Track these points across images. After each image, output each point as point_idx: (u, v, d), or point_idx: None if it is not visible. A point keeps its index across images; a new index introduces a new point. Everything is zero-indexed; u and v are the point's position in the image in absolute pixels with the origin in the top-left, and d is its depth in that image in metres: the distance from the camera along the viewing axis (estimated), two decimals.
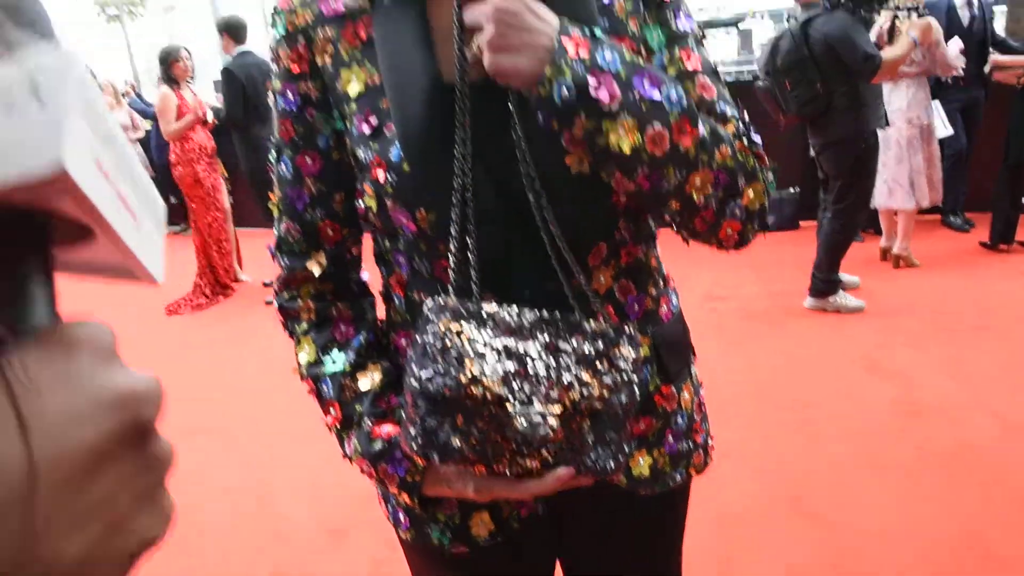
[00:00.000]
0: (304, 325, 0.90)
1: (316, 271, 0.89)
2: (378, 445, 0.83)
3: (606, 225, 0.82)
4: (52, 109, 0.24)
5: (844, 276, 4.10)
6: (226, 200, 5.41)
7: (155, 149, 7.23)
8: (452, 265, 0.77)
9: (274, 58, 0.85)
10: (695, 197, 0.75)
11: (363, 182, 0.82)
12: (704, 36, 0.86)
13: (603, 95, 0.68)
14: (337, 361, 0.87)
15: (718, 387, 2.86)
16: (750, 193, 0.79)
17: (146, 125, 7.64)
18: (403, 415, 0.76)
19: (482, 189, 0.77)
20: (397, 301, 0.90)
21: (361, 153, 0.81)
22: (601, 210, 0.81)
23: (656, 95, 0.70)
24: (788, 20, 3.99)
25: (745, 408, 2.97)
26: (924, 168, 4.37)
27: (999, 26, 6.16)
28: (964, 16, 4.87)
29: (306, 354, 0.89)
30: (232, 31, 5.14)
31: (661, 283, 0.91)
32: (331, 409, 0.87)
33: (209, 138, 5.27)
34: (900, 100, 4.38)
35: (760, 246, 0.94)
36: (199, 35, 21.02)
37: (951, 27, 4.69)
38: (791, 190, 5.69)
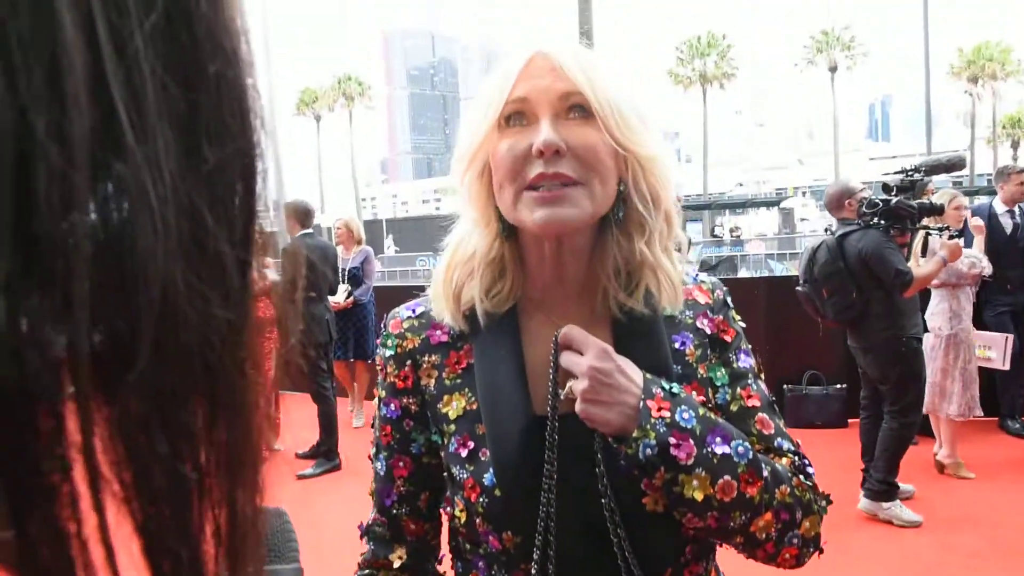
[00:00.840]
0: None
1: (396, 563, 0.96)
2: None
3: (675, 552, 0.88)
4: None
5: (899, 484, 3.98)
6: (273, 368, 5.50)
7: None
8: None
9: (381, 370, 0.98)
10: (758, 535, 0.84)
11: (455, 495, 0.90)
12: (761, 370, 0.98)
13: (681, 453, 0.79)
14: None
15: None
16: (807, 524, 0.87)
17: None
18: None
19: (565, 517, 0.84)
20: None
21: (456, 472, 0.89)
22: (672, 541, 0.87)
23: (727, 450, 0.81)
24: (826, 232, 4.17)
25: None
26: (939, 378, 4.39)
27: None
28: (1007, 224, 4.93)
29: None
30: (300, 216, 5.44)
31: None
32: None
33: (267, 308, 5.48)
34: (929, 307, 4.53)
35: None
36: None
37: (993, 234, 4.79)
38: (838, 386, 5.60)
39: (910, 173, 3.86)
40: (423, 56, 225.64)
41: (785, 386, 5.56)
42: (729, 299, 1.01)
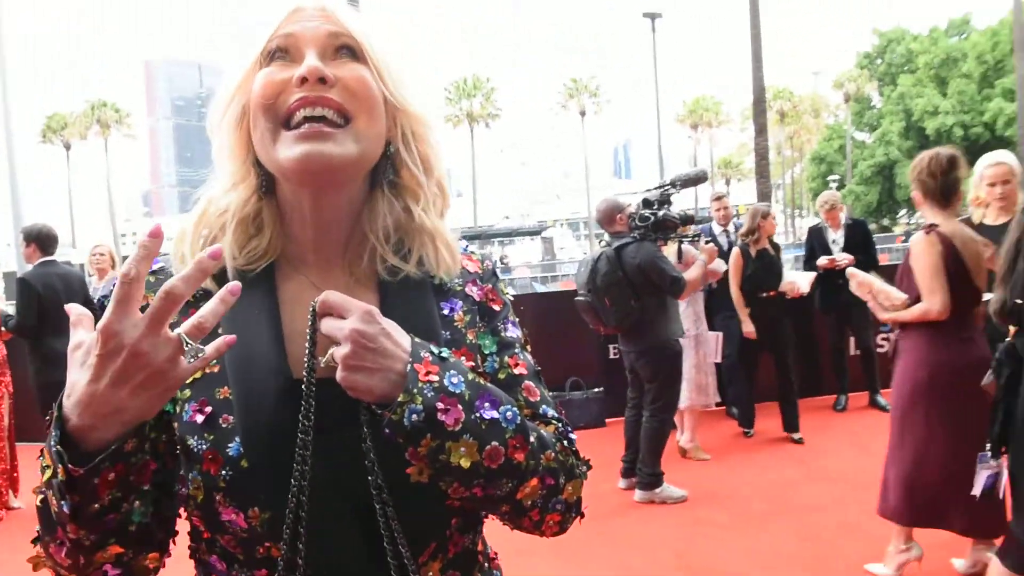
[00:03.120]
0: None
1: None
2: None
3: (439, 525, 0.84)
4: None
5: (674, 491, 4.43)
6: (6, 415, 4.80)
7: None
8: (281, 565, 0.76)
9: None
10: (524, 502, 0.81)
11: (191, 472, 0.78)
12: (528, 342, 0.97)
13: (448, 419, 0.74)
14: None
15: None
16: (569, 488, 0.86)
17: None
18: None
19: (321, 489, 0.76)
20: None
21: (192, 443, 0.77)
22: (436, 513, 0.83)
23: (495, 415, 0.77)
24: (602, 244, 4.58)
25: None
26: (694, 373, 5.04)
27: None
28: (723, 242, 6.09)
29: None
30: (42, 242, 4.86)
31: (486, 565, 0.94)
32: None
33: None
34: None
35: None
36: None
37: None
38: (596, 390, 6.17)
39: (666, 188, 4.33)
40: (189, 86, 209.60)
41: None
42: (498, 271, 1.00)
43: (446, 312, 0.89)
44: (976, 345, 2.96)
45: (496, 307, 0.95)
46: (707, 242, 4.76)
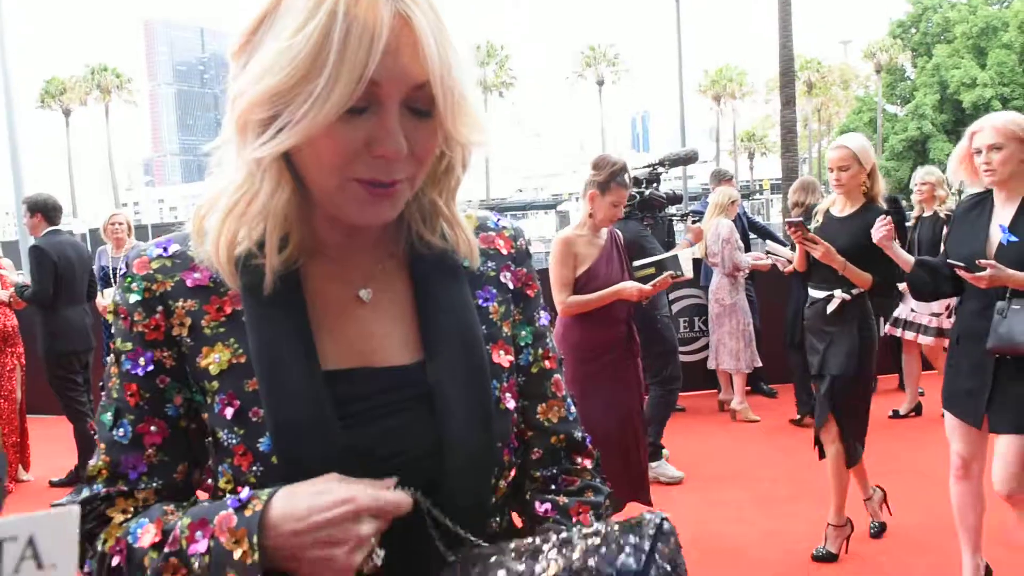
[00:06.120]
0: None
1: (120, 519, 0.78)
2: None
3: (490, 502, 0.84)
4: None
5: (670, 470, 4.47)
6: (18, 388, 4.84)
7: None
8: None
9: (124, 318, 0.80)
10: None
11: (221, 464, 0.78)
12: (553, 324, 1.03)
13: None
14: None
15: None
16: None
17: None
18: None
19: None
20: None
21: (223, 436, 0.77)
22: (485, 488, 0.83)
23: None
24: None
25: None
26: (728, 339, 5.38)
27: None
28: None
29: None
30: (48, 213, 4.85)
31: None
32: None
33: (8, 317, 4.82)
34: (712, 284, 5.45)
35: None
36: None
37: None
38: None
39: (655, 166, 4.32)
40: (191, 50, 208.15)
41: None
42: (530, 247, 0.98)
43: (481, 303, 0.88)
44: None
45: (531, 293, 0.94)
46: (694, 222, 4.77)
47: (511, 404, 0.86)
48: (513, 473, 0.89)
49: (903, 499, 3.65)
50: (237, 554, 0.68)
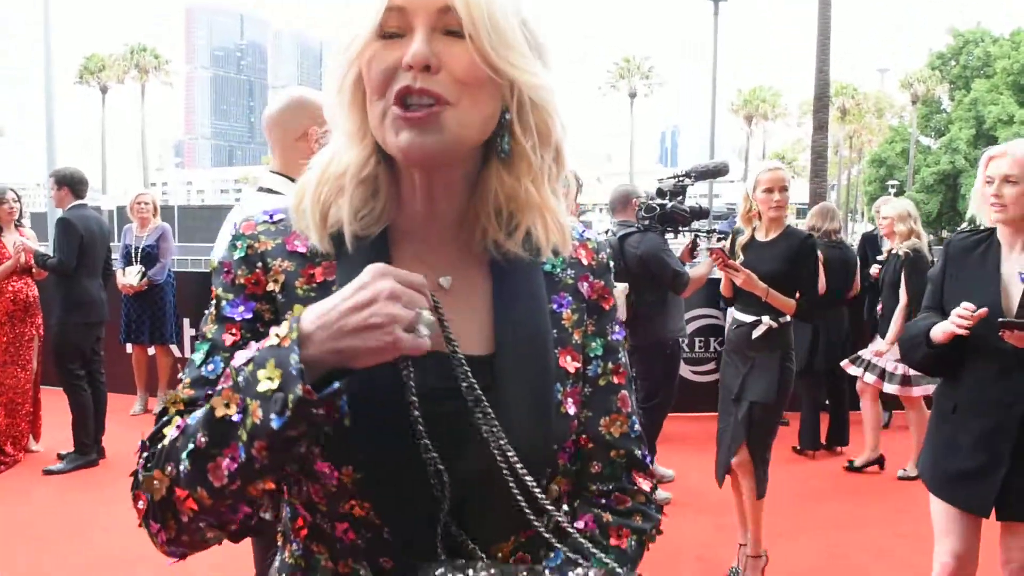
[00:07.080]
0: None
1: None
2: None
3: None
4: None
5: (660, 468, 4.42)
6: (34, 358, 4.90)
7: None
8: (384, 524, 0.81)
9: (227, 272, 0.86)
10: None
11: None
12: (627, 341, 1.00)
13: None
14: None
15: None
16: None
17: None
18: None
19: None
20: (295, 545, 0.89)
21: None
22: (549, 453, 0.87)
23: None
24: (607, 233, 4.35)
25: None
26: None
27: None
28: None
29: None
30: (75, 186, 4.92)
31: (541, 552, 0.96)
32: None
33: (30, 287, 4.88)
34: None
35: None
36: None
37: None
38: None
39: (681, 178, 4.12)
40: (230, 36, 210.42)
41: None
42: (612, 263, 1.00)
43: (555, 308, 0.90)
44: None
45: (607, 306, 0.96)
46: (720, 239, 4.38)
47: (572, 410, 0.88)
48: (568, 482, 0.91)
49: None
50: (279, 356, 0.68)
